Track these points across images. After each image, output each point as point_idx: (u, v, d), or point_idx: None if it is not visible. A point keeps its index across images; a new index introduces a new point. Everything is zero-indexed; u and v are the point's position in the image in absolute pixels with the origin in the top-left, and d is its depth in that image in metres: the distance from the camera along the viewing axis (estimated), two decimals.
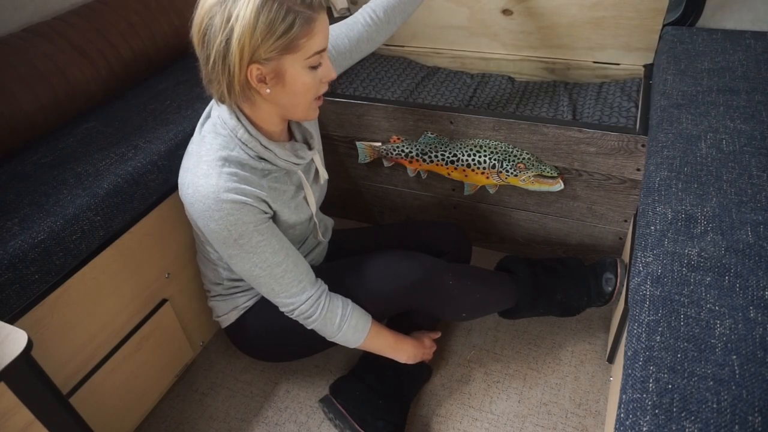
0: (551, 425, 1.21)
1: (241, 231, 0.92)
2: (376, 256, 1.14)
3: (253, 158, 0.95)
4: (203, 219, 0.92)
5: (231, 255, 0.96)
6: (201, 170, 0.91)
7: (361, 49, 1.16)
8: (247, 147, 0.94)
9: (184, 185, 0.94)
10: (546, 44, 1.54)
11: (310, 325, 1.04)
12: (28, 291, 0.91)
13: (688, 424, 0.60)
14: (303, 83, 0.88)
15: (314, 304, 1.02)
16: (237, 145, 0.94)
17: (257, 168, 0.96)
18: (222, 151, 0.93)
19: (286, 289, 1.00)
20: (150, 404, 1.26)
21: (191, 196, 0.92)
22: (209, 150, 0.93)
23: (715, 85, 1.16)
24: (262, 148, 0.95)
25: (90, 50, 1.24)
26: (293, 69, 0.85)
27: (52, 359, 0.97)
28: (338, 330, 1.05)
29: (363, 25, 1.15)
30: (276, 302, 1.03)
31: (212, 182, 0.90)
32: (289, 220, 1.04)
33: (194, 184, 0.91)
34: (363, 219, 1.78)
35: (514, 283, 1.25)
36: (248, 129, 0.93)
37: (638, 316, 0.75)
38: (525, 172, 1.35)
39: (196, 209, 0.92)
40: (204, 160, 0.92)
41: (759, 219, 0.82)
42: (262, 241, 0.95)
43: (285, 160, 0.98)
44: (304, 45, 0.83)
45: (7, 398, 0.68)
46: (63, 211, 0.96)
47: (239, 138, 0.93)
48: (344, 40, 1.13)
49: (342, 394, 1.21)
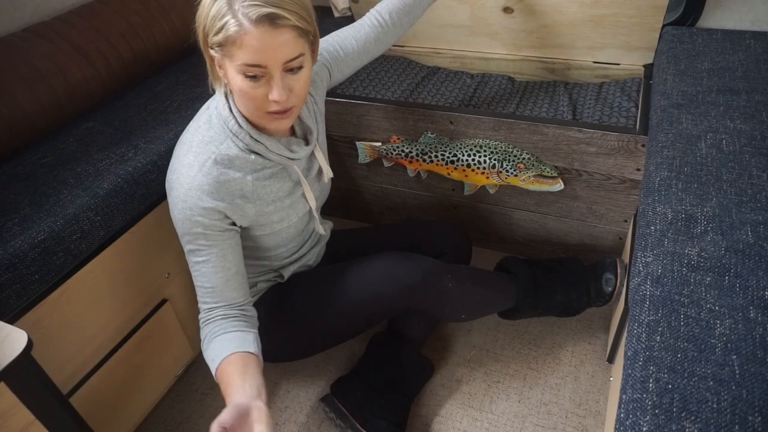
0: (551, 425, 1.21)
1: (190, 227, 0.94)
2: (375, 258, 1.14)
3: (243, 151, 0.96)
4: (172, 204, 0.95)
5: (181, 243, 0.98)
6: (187, 159, 0.94)
7: (369, 50, 1.17)
8: (237, 139, 0.95)
9: (170, 170, 0.97)
10: (546, 44, 1.54)
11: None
12: (28, 291, 0.91)
13: (688, 424, 0.60)
14: (238, 86, 0.86)
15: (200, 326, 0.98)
16: (228, 137, 0.95)
17: (248, 162, 0.96)
18: (211, 144, 0.94)
19: (198, 295, 0.99)
20: (150, 404, 1.26)
21: (172, 182, 0.95)
22: (200, 142, 0.95)
23: (715, 85, 1.16)
24: (252, 141, 0.95)
25: (90, 50, 1.24)
26: (230, 70, 0.86)
27: (52, 359, 0.97)
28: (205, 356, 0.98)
29: (370, 27, 1.16)
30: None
31: (191, 174, 0.92)
32: (282, 216, 1.04)
33: (177, 171, 0.94)
34: (363, 219, 1.78)
35: (514, 284, 1.25)
36: (239, 121, 0.93)
37: (638, 316, 0.75)
38: (525, 172, 1.35)
39: (171, 195, 0.95)
40: (193, 150, 0.94)
41: (759, 219, 0.82)
42: (204, 246, 0.95)
43: (277, 154, 0.98)
44: (233, 51, 0.83)
45: (7, 398, 0.68)
46: (63, 211, 0.96)
47: (230, 129, 0.94)
48: (352, 42, 1.14)
49: (343, 393, 1.21)
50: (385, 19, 1.17)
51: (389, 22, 1.17)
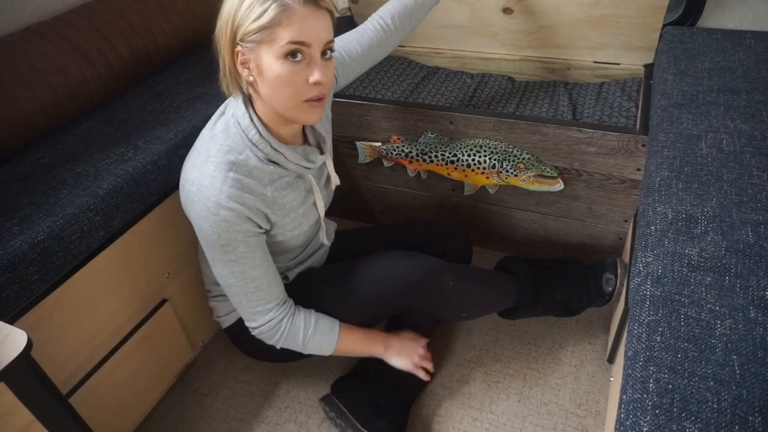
0: (551, 425, 1.21)
1: (229, 238, 0.93)
2: (376, 257, 1.14)
3: (262, 161, 0.95)
4: (198, 218, 0.93)
5: (213, 257, 0.98)
6: (207, 170, 0.92)
7: (372, 55, 1.18)
8: (257, 149, 0.94)
9: (188, 181, 0.94)
10: (546, 44, 1.54)
11: (276, 345, 1.07)
12: (28, 291, 0.91)
13: (689, 424, 0.60)
14: (277, 75, 0.85)
15: (275, 327, 1.04)
16: (247, 146, 0.94)
17: (265, 173, 0.96)
18: (230, 154, 0.93)
19: (253, 305, 1.02)
20: (150, 404, 1.26)
21: (194, 194, 0.93)
22: (218, 151, 0.93)
23: (716, 85, 1.16)
24: (272, 150, 0.95)
25: (90, 50, 1.24)
26: (268, 57, 0.85)
27: (52, 359, 0.97)
28: (304, 348, 1.08)
29: (373, 31, 1.17)
30: (242, 315, 1.06)
31: (216, 185, 0.91)
32: (295, 226, 1.05)
33: (198, 183, 0.92)
34: (363, 219, 1.78)
35: (514, 284, 1.25)
36: (260, 130, 0.93)
37: (638, 316, 0.75)
38: (525, 172, 1.35)
39: (194, 207, 0.93)
40: (212, 160, 0.92)
41: (759, 219, 0.82)
42: (246, 252, 0.96)
43: (295, 164, 0.98)
44: (277, 31, 0.83)
45: (7, 398, 0.68)
46: (63, 211, 0.96)
47: (250, 139, 0.93)
48: (356, 46, 1.15)
49: (344, 393, 1.21)
50: (387, 24, 1.18)
51: (392, 27, 1.18)
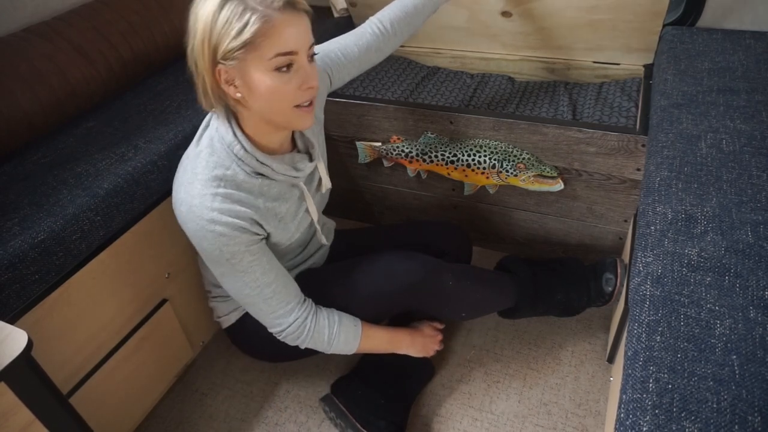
0: (551, 425, 1.21)
1: (232, 251, 0.92)
2: (376, 256, 1.14)
3: (249, 174, 0.94)
4: (196, 238, 0.93)
5: (222, 273, 0.96)
6: (195, 189, 0.90)
7: (369, 58, 1.18)
8: (243, 163, 0.93)
9: (178, 201, 0.93)
10: (546, 45, 1.54)
11: (301, 345, 1.06)
12: (28, 291, 0.91)
13: (688, 424, 0.60)
14: (267, 87, 0.84)
15: (300, 326, 1.03)
16: (233, 161, 0.92)
17: (254, 185, 0.95)
18: (217, 169, 0.91)
19: (273, 310, 1.01)
20: (150, 404, 1.26)
21: (185, 215, 0.92)
22: (204, 168, 0.91)
23: (715, 85, 1.16)
24: (259, 164, 0.93)
25: (90, 50, 1.24)
26: (257, 71, 0.83)
27: (52, 359, 0.97)
28: (329, 346, 1.07)
29: (371, 34, 1.16)
30: (264, 323, 1.05)
31: (206, 203, 0.89)
32: (290, 236, 1.05)
33: (188, 203, 0.91)
34: (363, 219, 1.78)
35: (514, 283, 1.25)
36: (244, 145, 0.91)
37: (638, 316, 0.75)
38: (525, 172, 1.35)
39: (189, 228, 0.92)
40: (199, 178, 0.91)
41: (759, 219, 0.82)
42: (253, 261, 0.95)
43: (283, 174, 0.97)
44: (262, 45, 0.80)
45: (7, 398, 0.68)
46: (63, 211, 0.96)
47: (236, 154, 0.92)
48: (353, 48, 1.14)
49: (344, 393, 1.21)
50: (386, 28, 1.17)
51: (390, 31, 1.18)
